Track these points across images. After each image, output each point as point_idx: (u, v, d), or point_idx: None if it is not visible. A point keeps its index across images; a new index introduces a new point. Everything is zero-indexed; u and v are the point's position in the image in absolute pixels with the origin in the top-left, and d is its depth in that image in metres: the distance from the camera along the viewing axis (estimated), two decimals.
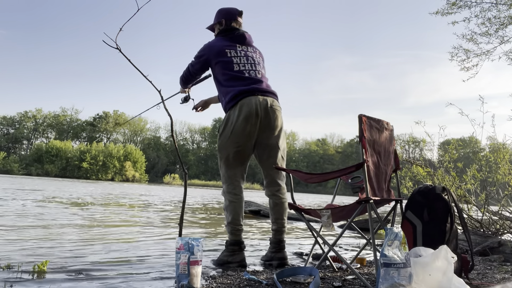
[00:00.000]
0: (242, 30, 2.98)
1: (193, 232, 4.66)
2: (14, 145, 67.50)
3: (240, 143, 2.71)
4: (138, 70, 2.32)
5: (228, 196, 2.76)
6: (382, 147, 2.42)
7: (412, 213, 2.30)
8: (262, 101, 2.72)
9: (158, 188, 28.70)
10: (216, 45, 2.87)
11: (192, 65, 2.94)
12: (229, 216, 2.73)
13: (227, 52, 2.84)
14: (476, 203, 4.32)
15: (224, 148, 2.77)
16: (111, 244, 3.46)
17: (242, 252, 2.70)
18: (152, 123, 75.27)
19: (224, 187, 2.81)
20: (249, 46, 2.98)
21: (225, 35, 2.93)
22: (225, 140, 2.74)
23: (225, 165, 2.79)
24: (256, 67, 2.88)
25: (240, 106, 2.68)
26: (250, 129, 2.69)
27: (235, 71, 2.79)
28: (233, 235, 2.70)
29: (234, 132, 2.69)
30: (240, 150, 2.73)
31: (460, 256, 2.21)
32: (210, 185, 53.76)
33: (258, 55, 2.99)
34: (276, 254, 2.80)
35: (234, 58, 2.84)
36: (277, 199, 2.84)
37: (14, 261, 2.48)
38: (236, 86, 2.74)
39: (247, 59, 2.87)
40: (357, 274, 2.15)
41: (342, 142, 77.01)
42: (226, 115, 2.77)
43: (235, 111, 2.69)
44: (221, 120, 2.83)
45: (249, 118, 2.67)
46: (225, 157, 2.78)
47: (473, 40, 9.57)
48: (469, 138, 7.05)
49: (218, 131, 2.85)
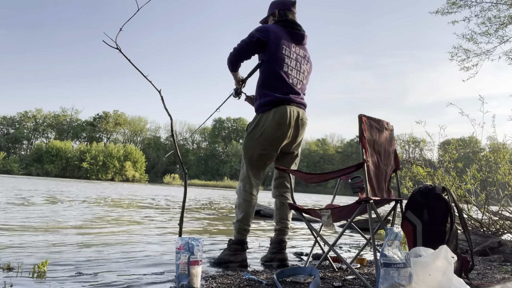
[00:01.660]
0: (302, 28, 2.89)
1: (192, 230, 4.67)
2: (14, 145, 67.49)
3: (267, 147, 2.72)
4: (138, 70, 2.31)
5: (243, 195, 2.76)
6: (382, 147, 2.42)
7: (412, 213, 2.30)
8: (295, 113, 2.74)
9: (160, 188, 28.69)
10: (276, 32, 2.75)
11: (246, 42, 2.72)
12: (239, 214, 2.73)
13: (283, 48, 2.76)
14: (476, 203, 4.32)
15: (249, 148, 2.77)
16: (111, 244, 3.46)
17: (244, 252, 2.70)
18: (152, 123, 75.35)
19: (240, 185, 2.81)
20: (303, 49, 2.92)
21: (285, 25, 2.82)
22: (253, 141, 2.74)
23: (247, 165, 2.79)
24: (300, 76, 2.85)
25: (274, 112, 2.68)
26: (279, 136, 2.70)
27: (282, 72, 2.73)
28: (239, 234, 2.71)
29: (263, 135, 2.70)
30: (265, 154, 2.74)
31: (460, 256, 2.21)
32: (210, 185, 53.79)
33: (307, 60, 2.93)
34: (276, 255, 2.81)
35: (287, 58, 2.77)
36: (284, 200, 2.89)
37: (14, 261, 2.48)
38: (275, 92, 2.72)
39: (296, 64, 2.83)
40: (357, 274, 2.15)
41: (342, 142, 77.05)
42: (258, 117, 2.76)
43: (269, 115, 2.69)
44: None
45: (281, 126, 2.68)
46: (248, 157, 2.78)
47: (473, 39, 9.57)
48: (469, 138, 7.05)
49: (246, 129, 2.84)
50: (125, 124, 71.95)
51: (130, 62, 2.34)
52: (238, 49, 2.73)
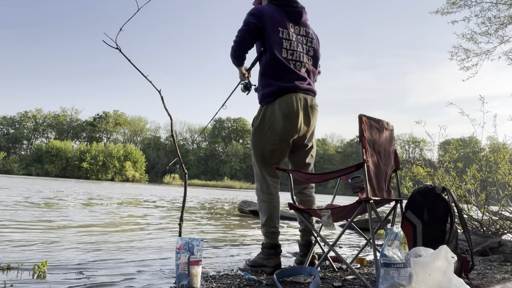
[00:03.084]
0: (299, 3, 2.66)
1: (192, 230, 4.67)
2: (14, 145, 67.48)
3: (277, 141, 2.53)
4: (138, 70, 2.31)
5: (262, 196, 2.58)
6: (382, 147, 2.42)
7: (412, 213, 2.30)
8: (303, 100, 2.53)
9: (161, 188, 28.70)
10: (271, 14, 2.53)
11: (245, 31, 2.53)
12: (263, 217, 2.55)
13: (279, 30, 2.53)
14: (476, 203, 4.32)
15: (259, 144, 2.58)
16: (111, 244, 3.46)
17: (278, 256, 2.52)
18: (152, 123, 75.32)
19: (257, 186, 2.62)
20: (303, 26, 2.66)
21: (280, 4, 2.59)
22: (261, 136, 2.56)
23: (259, 163, 2.61)
24: (304, 58, 2.61)
25: (278, 103, 2.49)
26: (288, 128, 2.51)
27: (282, 58, 2.51)
28: (268, 238, 2.53)
29: (271, 129, 2.52)
30: (277, 149, 2.55)
31: (460, 256, 2.21)
32: (210, 185, 53.76)
33: (311, 38, 2.69)
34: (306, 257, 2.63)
35: (285, 41, 2.54)
36: (304, 196, 2.74)
37: (14, 261, 2.48)
38: (278, 80, 2.51)
39: (297, 46, 2.59)
40: (357, 274, 2.15)
41: (342, 142, 77.02)
42: (262, 110, 2.57)
43: (274, 107, 2.51)
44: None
45: (288, 116, 2.49)
46: (259, 154, 2.59)
47: (473, 39, 9.57)
48: (469, 138, 7.06)
49: (252, 125, 2.65)
50: (125, 124, 71.93)
51: (130, 62, 2.34)
52: (239, 41, 2.55)
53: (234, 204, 12.25)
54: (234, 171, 67.33)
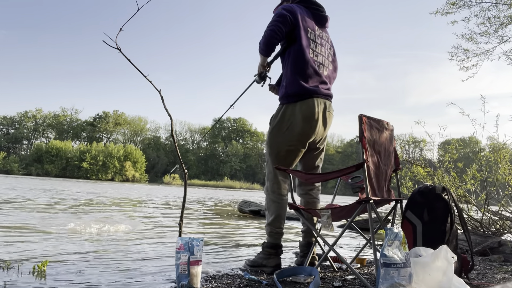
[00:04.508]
0: (324, 9, 2.69)
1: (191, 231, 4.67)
2: (14, 145, 67.49)
3: (294, 142, 2.54)
4: (138, 70, 2.32)
5: (272, 196, 2.58)
6: (382, 147, 2.42)
7: (412, 213, 2.30)
8: (322, 105, 2.56)
9: (161, 188, 28.70)
10: (301, 14, 2.54)
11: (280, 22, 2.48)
12: (270, 217, 2.55)
13: (308, 30, 2.57)
14: (476, 203, 4.32)
15: (275, 143, 2.58)
16: (112, 244, 3.46)
17: (278, 256, 2.54)
18: (152, 123, 75.29)
19: (268, 185, 2.62)
20: (325, 32, 2.71)
21: (308, 6, 2.62)
22: (278, 136, 2.56)
23: (273, 162, 2.59)
24: (325, 62, 2.66)
25: (300, 105, 2.51)
26: (307, 131, 2.53)
27: (309, 57, 2.54)
28: (272, 237, 2.54)
29: (290, 129, 2.52)
30: (293, 149, 2.56)
31: (460, 256, 2.21)
32: (210, 185, 53.76)
33: (330, 45, 2.75)
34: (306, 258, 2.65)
35: (312, 42, 2.58)
36: (309, 198, 2.75)
37: (14, 261, 2.48)
38: (304, 81, 2.52)
39: (321, 49, 2.64)
40: (357, 274, 2.15)
41: (342, 142, 77.01)
42: (282, 109, 2.56)
43: (294, 108, 2.51)
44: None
45: (308, 119, 2.51)
46: (275, 154, 2.58)
47: (472, 39, 9.57)
48: (469, 138, 7.06)
49: (270, 123, 2.63)
50: (125, 124, 71.93)
51: (130, 62, 2.34)
52: (274, 30, 2.47)
53: (234, 204, 12.26)
54: (234, 171, 67.34)
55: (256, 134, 73.64)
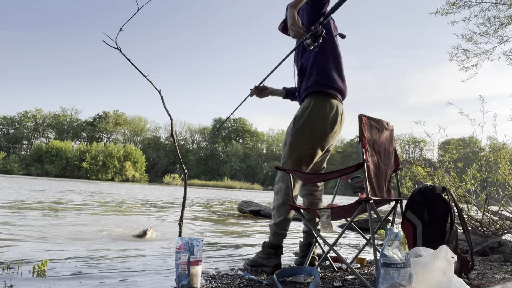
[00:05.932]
0: None
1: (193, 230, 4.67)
2: (14, 145, 67.49)
3: (316, 145, 2.53)
4: (138, 70, 2.31)
5: (285, 198, 2.53)
6: (382, 147, 2.42)
7: (412, 213, 2.30)
8: (341, 110, 2.58)
9: (161, 188, 28.70)
10: None
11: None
12: (277, 218, 2.54)
13: (336, 28, 2.60)
14: (476, 203, 4.33)
15: (298, 145, 2.53)
16: (111, 244, 3.46)
17: (278, 257, 2.53)
18: (152, 123, 75.32)
19: (282, 187, 2.57)
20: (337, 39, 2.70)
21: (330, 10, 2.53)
22: (302, 137, 2.52)
23: (293, 164, 2.56)
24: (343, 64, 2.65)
25: (329, 107, 2.50)
26: (330, 135, 2.55)
27: (340, 57, 2.55)
28: (274, 237, 2.53)
29: (313, 133, 2.50)
30: (313, 153, 2.55)
31: (460, 256, 2.21)
32: (210, 185, 53.76)
33: None
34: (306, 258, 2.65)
35: (336, 40, 2.58)
36: (313, 198, 2.76)
37: (14, 261, 2.48)
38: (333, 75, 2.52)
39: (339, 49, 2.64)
40: (357, 274, 2.15)
41: (342, 142, 76.92)
42: (309, 108, 2.50)
43: (321, 111, 2.49)
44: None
45: (333, 124, 2.53)
46: (296, 155, 2.54)
47: (472, 40, 9.59)
48: (469, 138, 7.06)
49: (294, 123, 2.56)
50: (125, 124, 71.95)
51: (130, 62, 2.34)
52: None
53: (234, 204, 12.25)
54: (234, 171, 67.35)
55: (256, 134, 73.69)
